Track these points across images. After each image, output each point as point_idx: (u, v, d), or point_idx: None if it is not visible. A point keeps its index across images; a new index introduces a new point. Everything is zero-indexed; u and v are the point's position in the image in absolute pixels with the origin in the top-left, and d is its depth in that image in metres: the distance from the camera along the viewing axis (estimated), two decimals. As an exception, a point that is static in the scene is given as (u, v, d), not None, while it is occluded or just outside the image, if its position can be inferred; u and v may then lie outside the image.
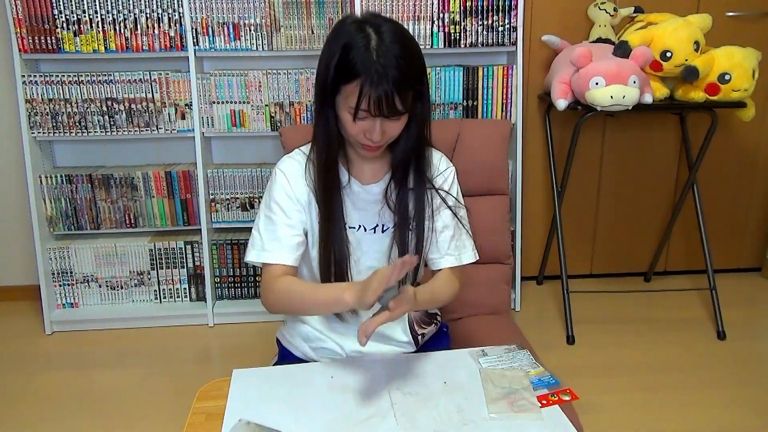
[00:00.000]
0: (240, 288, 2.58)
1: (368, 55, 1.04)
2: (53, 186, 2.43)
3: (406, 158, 1.19)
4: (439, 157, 1.28)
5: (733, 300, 2.61)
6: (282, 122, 2.42)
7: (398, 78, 1.04)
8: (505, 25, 2.35)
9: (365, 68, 1.03)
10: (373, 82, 1.03)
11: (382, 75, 1.03)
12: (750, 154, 2.79)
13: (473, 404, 1.01)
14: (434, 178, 1.23)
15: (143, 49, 2.32)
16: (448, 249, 1.24)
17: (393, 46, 1.05)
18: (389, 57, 1.04)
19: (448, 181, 1.26)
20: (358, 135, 1.11)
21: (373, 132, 1.09)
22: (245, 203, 2.49)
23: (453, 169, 1.28)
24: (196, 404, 1.05)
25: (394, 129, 1.12)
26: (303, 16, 2.32)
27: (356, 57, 1.04)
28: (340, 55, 1.06)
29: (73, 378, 2.18)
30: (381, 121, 1.09)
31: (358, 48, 1.05)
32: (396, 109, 1.06)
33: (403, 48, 1.07)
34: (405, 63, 1.05)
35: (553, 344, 2.34)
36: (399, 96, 1.05)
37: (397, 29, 1.09)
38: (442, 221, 1.23)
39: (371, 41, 1.05)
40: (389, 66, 1.03)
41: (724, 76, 2.14)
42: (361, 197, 1.21)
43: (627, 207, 2.82)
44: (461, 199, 1.27)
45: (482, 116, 2.43)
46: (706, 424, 1.87)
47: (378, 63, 1.03)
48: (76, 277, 2.51)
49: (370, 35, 1.06)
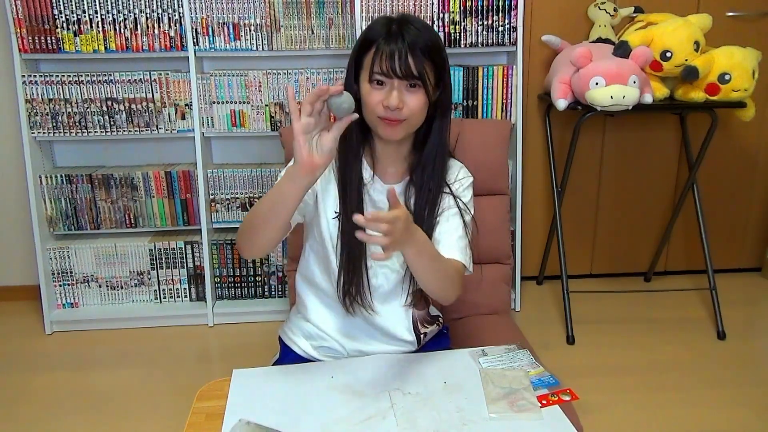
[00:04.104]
0: (240, 288, 2.58)
1: (388, 25, 1.12)
2: (53, 186, 2.43)
3: (426, 159, 1.21)
4: (459, 167, 1.30)
5: (733, 300, 2.61)
6: (282, 122, 2.42)
7: (413, 40, 1.09)
8: (505, 25, 2.35)
9: (382, 34, 1.11)
10: (389, 41, 1.09)
11: (398, 36, 1.09)
12: (750, 154, 2.80)
13: (473, 404, 1.01)
14: (452, 184, 1.25)
15: (143, 49, 2.32)
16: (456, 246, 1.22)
17: (415, 22, 1.13)
18: (408, 28, 1.11)
19: (462, 188, 1.26)
20: (377, 106, 1.12)
21: (390, 97, 1.10)
22: (245, 203, 2.49)
23: (471, 179, 1.29)
24: (196, 404, 1.05)
25: (412, 102, 1.12)
26: (303, 16, 2.32)
27: (375, 29, 1.13)
28: (364, 36, 1.15)
29: (73, 378, 2.18)
30: (398, 84, 1.10)
31: (379, 25, 1.14)
32: (410, 69, 1.09)
33: (426, 27, 1.14)
34: (424, 34, 1.11)
35: (553, 344, 2.34)
36: (413, 57, 1.09)
37: (422, 21, 1.16)
38: (453, 224, 1.22)
39: (393, 21, 1.13)
40: (406, 32, 1.10)
41: (724, 76, 2.14)
42: (382, 196, 1.21)
43: (627, 207, 2.82)
44: (471, 208, 1.27)
45: (482, 116, 2.43)
46: (706, 424, 1.87)
47: (396, 30, 1.10)
48: (76, 277, 2.51)
49: (393, 19, 1.14)
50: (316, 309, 1.29)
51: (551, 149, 2.54)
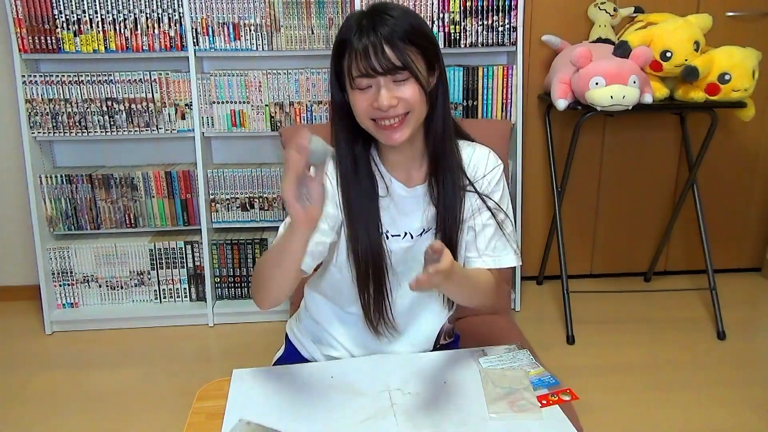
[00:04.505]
0: (240, 288, 2.58)
1: (358, 21, 1.02)
2: (53, 186, 2.43)
3: (436, 150, 1.12)
4: (487, 154, 1.18)
5: (733, 300, 2.61)
6: (282, 122, 2.42)
7: (388, 28, 0.99)
8: (505, 25, 2.35)
9: (353, 30, 1.01)
10: (360, 38, 1.00)
11: (369, 30, 0.99)
12: (750, 154, 2.79)
13: (473, 404, 1.01)
14: (478, 180, 1.15)
15: (143, 49, 2.32)
16: (486, 249, 1.15)
17: (388, 9, 1.02)
18: (379, 17, 1.01)
19: (494, 182, 1.16)
20: (368, 111, 1.03)
21: (379, 97, 1.01)
22: (245, 203, 2.49)
23: (501, 167, 1.18)
24: (196, 404, 1.05)
25: (406, 94, 1.02)
26: (303, 16, 2.32)
27: (346, 28, 1.03)
28: (337, 36, 1.05)
29: (73, 378, 2.18)
30: (384, 81, 1.01)
31: (350, 21, 1.04)
32: (391, 61, 0.99)
33: (401, 10, 1.03)
34: (400, 19, 1.01)
35: (553, 344, 2.34)
36: (391, 48, 0.99)
37: (399, 6, 1.06)
38: (482, 220, 1.15)
39: (364, 14, 1.03)
40: (378, 22, 1.00)
41: (724, 76, 2.14)
42: (408, 201, 1.14)
43: (627, 207, 2.82)
44: (504, 203, 1.17)
45: (482, 116, 2.43)
46: (706, 424, 1.87)
47: (366, 24, 1.00)
48: (76, 277, 2.51)
49: (364, 12, 1.04)
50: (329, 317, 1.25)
51: (551, 149, 2.53)
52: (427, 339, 1.25)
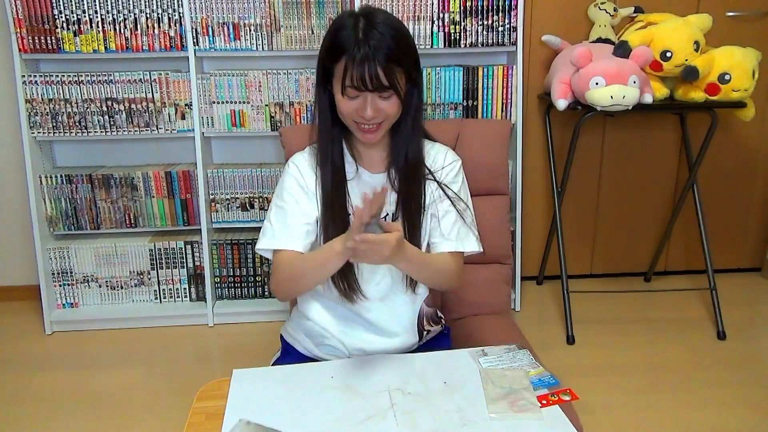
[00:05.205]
0: (240, 288, 2.58)
1: (355, 32, 1.11)
2: (53, 186, 2.43)
3: (404, 146, 1.24)
4: (445, 151, 1.31)
5: (733, 300, 2.61)
6: (282, 122, 2.42)
7: (382, 51, 1.09)
8: (505, 25, 2.35)
9: (350, 44, 1.10)
10: (357, 56, 1.09)
11: (366, 48, 1.09)
12: (750, 154, 2.79)
13: (473, 404, 1.01)
14: (437, 171, 1.27)
15: (143, 49, 2.32)
16: (449, 234, 1.25)
17: (380, 26, 1.11)
18: (374, 34, 1.10)
19: (451, 174, 1.28)
20: (352, 114, 1.16)
21: (365, 109, 1.13)
22: (245, 203, 2.49)
23: (459, 162, 1.31)
24: (196, 404, 1.05)
25: (387, 108, 1.15)
26: (303, 16, 2.32)
27: (343, 36, 1.12)
28: (331, 38, 1.15)
29: (73, 378, 2.18)
30: (371, 98, 1.13)
31: (346, 29, 1.12)
32: (381, 82, 1.10)
33: (392, 29, 1.13)
34: (391, 41, 1.11)
35: (553, 344, 2.34)
36: (383, 69, 1.10)
37: (388, 16, 1.15)
38: (444, 208, 1.25)
39: (360, 23, 1.12)
40: (374, 40, 1.09)
41: (724, 76, 2.14)
42: (370, 186, 1.23)
43: (627, 207, 2.82)
44: (464, 194, 1.29)
45: (482, 116, 2.43)
46: (706, 424, 1.87)
47: (363, 39, 1.10)
48: (76, 277, 2.51)
49: (359, 19, 1.13)
50: (316, 308, 1.30)
51: (551, 149, 2.54)
52: (410, 321, 1.29)
